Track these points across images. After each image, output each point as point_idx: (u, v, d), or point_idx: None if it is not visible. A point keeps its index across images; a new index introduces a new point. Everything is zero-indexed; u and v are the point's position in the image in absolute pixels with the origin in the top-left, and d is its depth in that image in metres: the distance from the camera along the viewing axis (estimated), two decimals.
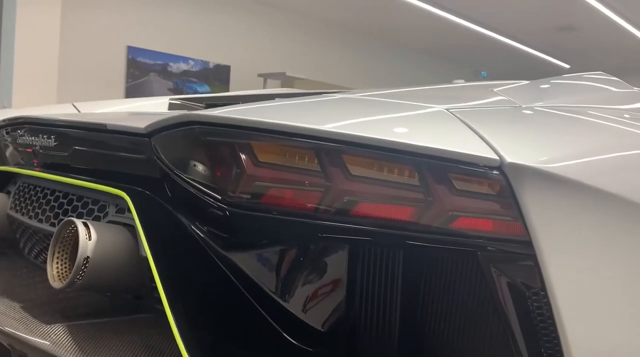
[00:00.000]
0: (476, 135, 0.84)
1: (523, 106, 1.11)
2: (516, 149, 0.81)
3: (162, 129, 0.98)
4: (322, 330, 0.88)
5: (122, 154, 1.08)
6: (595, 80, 1.48)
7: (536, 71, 10.76)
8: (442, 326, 0.84)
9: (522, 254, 0.80)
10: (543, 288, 0.80)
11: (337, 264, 0.87)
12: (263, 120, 0.85)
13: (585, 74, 1.53)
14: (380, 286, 0.85)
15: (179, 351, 0.85)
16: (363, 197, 0.85)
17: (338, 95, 1.07)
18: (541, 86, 1.36)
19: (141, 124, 1.03)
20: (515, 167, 0.77)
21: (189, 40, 7.17)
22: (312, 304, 0.89)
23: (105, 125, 1.08)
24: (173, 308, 0.89)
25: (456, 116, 0.92)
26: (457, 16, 8.15)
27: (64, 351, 0.88)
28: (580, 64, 10.65)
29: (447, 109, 0.95)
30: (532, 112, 1.06)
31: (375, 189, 0.84)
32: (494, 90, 1.26)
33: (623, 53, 9.45)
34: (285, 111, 0.95)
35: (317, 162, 0.85)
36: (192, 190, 0.96)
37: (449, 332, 0.84)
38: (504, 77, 2.00)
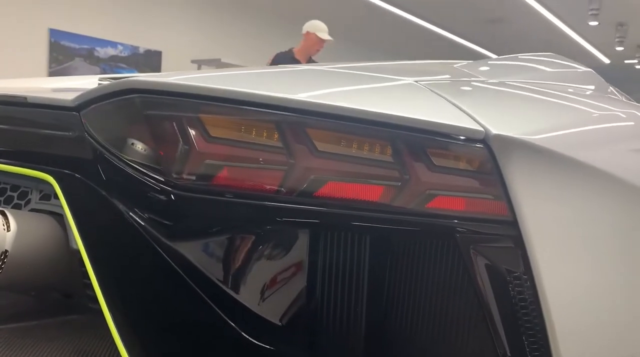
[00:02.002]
0: (454, 106, 0.76)
1: (489, 81, 1.05)
2: (501, 120, 0.74)
3: (93, 101, 0.85)
4: (281, 325, 0.78)
5: (45, 131, 0.94)
6: (548, 61, 1.45)
7: None
8: (413, 318, 0.76)
9: (506, 236, 0.74)
10: (527, 272, 0.74)
11: (297, 252, 0.77)
12: (215, 87, 0.74)
13: (537, 55, 1.50)
14: (345, 275, 0.76)
15: (119, 355, 0.73)
16: (330, 176, 0.75)
17: (300, 67, 0.97)
18: (498, 63, 1.32)
19: (68, 97, 0.89)
20: (502, 139, 0.70)
21: (117, 24, 6.82)
22: (269, 297, 0.79)
23: (25, 98, 0.93)
24: (111, 307, 0.77)
25: (428, 88, 0.84)
26: (392, 5, 8.20)
27: None
28: (509, 54, 10.98)
29: (416, 82, 0.88)
30: (502, 87, 1.00)
31: (344, 166, 0.75)
32: (454, 66, 1.20)
33: (549, 43, 9.81)
34: (243, 79, 0.84)
35: (279, 136, 0.75)
36: (130, 172, 0.83)
37: (422, 324, 0.76)
38: None
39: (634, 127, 0.97)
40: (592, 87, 1.27)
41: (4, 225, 0.84)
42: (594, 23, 8.66)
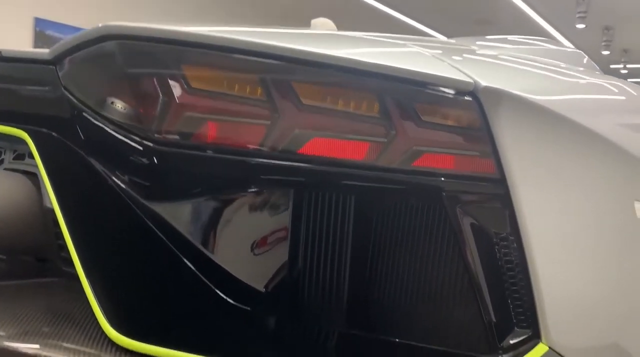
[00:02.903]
0: (444, 62, 0.74)
1: (481, 51, 1.03)
2: (491, 76, 0.72)
3: (70, 51, 0.81)
4: (262, 288, 0.75)
5: (22, 87, 0.90)
6: (539, 41, 1.45)
7: None
8: (397, 282, 0.74)
9: (493, 195, 0.72)
10: (513, 233, 0.72)
11: (279, 212, 0.75)
12: (195, 32, 0.71)
13: (529, 37, 1.50)
14: (329, 237, 0.74)
15: (95, 317, 0.70)
16: (315, 131, 0.73)
17: (290, 30, 0.94)
18: (492, 38, 1.31)
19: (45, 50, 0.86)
20: (491, 92, 0.68)
21: (103, 15, 6.74)
22: (250, 259, 0.76)
23: (0, 52, 0.90)
24: (86, 268, 0.74)
25: (418, 48, 0.82)
26: (379, 2, 8.21)
27: None
28: None
29: (405, 43, 0.86)
30: (495, 59, 0.98)
31: (329, 121, 0.73)
32: (448, 39, 1.18)
33: None
34: (229, 32, 0.81)
35: (262, 88, 0.72)
36: (109, 127, 0.80)
37: (406, 289, 0.74)
38: None
39: (621, 95, 0.96)
40: (581, 65, 1.26)
41: None
42: (581, 26, 8.73)
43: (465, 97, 0.68)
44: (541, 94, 0.75)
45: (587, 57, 1.39)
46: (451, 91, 0.69)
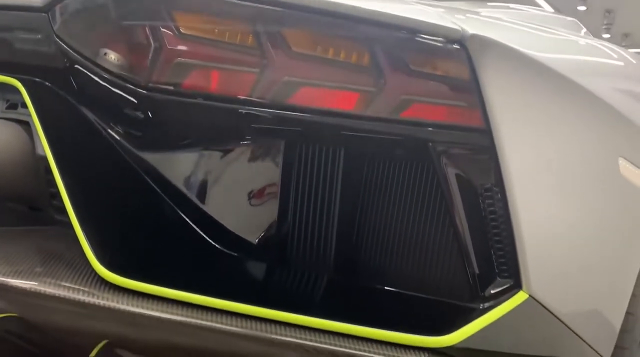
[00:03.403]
0: (435, 12, 0.75)
1: (477, 11, 1.04)
2: (480, 27, 0.73)
3: None
4: (251, 237, 0.76)
5: (14, 35, 0.90)
6: (538, 8, 1.45)
7: None
8: (383, 234, 0.75)
9: (479, 146, 0.73)
10: (498, 184, 0.73)
11: (269, 163, 0.76)
12: None
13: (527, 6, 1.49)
14: (318, 187, 0.75)
15: (85, 258, 0.72)
16: (305, 80, 0.74)
17: None
18: (489, 5, 1.31)
19: None
20: (479, 40, 0.69)
21: None
22: (238, 207, 0.77)
23: None
24: (77, 211, 0.75)
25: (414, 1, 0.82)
26: None
27: None
28: None
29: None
30: (490, 18, 0.98)
31: (318, 69, 0.73)
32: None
33: None
34: None
35: (252, 34, 0.73)
36: (102, 76, 0.80)
37: (392, 237, 0.75)
38: None
39: (613, 58, 0.97)
40: (579, 32, 1.26)
41: None
42: (582, 8, 8.69)
43: (453, 46, 0.69)
44: (530, 47, 0.76)
45: (584, 27, 1.39)
46: (439, 39, 0.69)
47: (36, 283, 0.67)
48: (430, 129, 0.73)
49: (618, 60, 1.05)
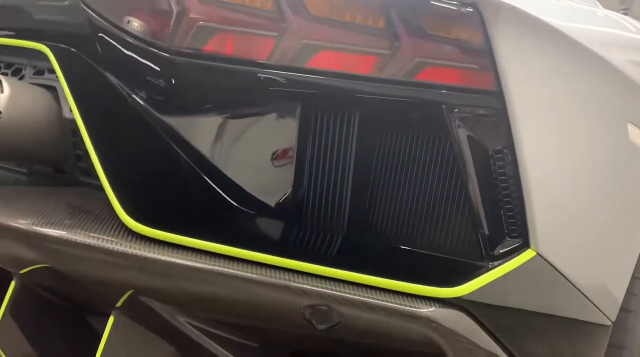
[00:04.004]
0: None
1: None
2: None
3: None
4: (267, 196, 0.79)
5: (40, 2, 0.94)
6: None
7: None
8: (397, 191, 0.77)
9: (491, 108, 0.75)
10: (509, 146, 0.75)
11: (286, 126, 0.78)
12: None
13: None
14: (333, 149, 0.77)
15: (113, 212, 0.75)
16: (323, 44, 0.76)
17: None
18: None
19: None
20: (492, 3, 0.71)
21: None
22: (255, 170, 0.80)
23: None
24: (105, 168, 0.78)
25: None
26: None
27: None
28: None
29: None
30: None
31: (336, 33, 0.76)
32: None
33: None
34: None
35: None
36: (126, 40, 0.83)
37: (404, 198, 0.78)
38: None
39: (628, 29, 0.98)
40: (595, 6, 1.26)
41: None
42: None
43: (467, 9, 0.71)
44: (543, 12, 0.78)
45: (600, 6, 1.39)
46: (454, 3, 0.71)
47: (67, 233, 0.71)
48: (443, 91, 0.75)
49: (635, 34, 1.06)
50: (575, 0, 1.19)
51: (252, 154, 0.80)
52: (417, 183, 0.77)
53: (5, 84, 0.85)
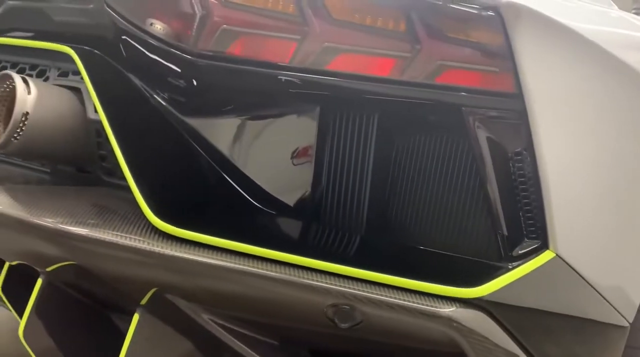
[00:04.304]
0: None
1: None
2: None
3: None
4: (287, 197, 0.80)
5: (66, 5, 0.95)
6: None
7: None
8: (416, 191, 0.78)
9: (511, 110, 0.76)
10: (528, 148, 0.76)
11: (307, 128, 0.79)
12: None
13: None
14: (352, 150, 0.78)
15: (139, 210, 0.77)
16: (344, 47, 0.77)
17: None
18: None
19: None
20: (513, 7, 0.72)
21: None
22: (276, 170, 0.82)
23: None
24: (131, 168, 0.80)
25: None
26: None
27: (6, 208, 0.78)
28: None
29: None
30: None
31: (358, 36, 0.77)
32: None
33: None
34: None
35: (295, 3, 0.77)
36: (150, 42, 0.85)
37: (424, 197, 0.78)
38: None
39: None
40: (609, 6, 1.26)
41: (25, 89, 0.86)
42: None
43: (489, 13, 0.72)
44: (562, 16, 0.78)
45: (614, 4, 1.39)
46: (475, 6, 0.72)
47: (95, 231, 0.72)
48: (463, 93, 0.76)
49: None
50: (590, 1, 1.20)
51: (273, 155, 0.82)
52: (437, 184, 0.78)
53: (32, 86, 0.87)
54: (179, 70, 0.84)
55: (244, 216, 0.78)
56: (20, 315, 0.94)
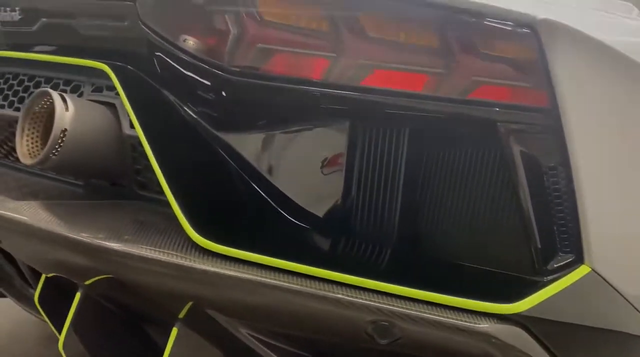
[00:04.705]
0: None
1: None
2: (550, 12, 0.76)
3: None
4: (320, 211, 0.81)
5: (102, 23, 0.97)
6: None
7: None
8: (447, 211, 0.79)
9: (546, 126, 0.76)
10: (564, 162, 0.76)
11: (339, 142, 0.80)
12: None
13: None
14: (382, 166, 0.79)
15: (177, 225, 0.78)
16: (378, 63, 0.78)
17: None
18: None
19: None
20: (549, 24, 0.72)
21: None
22: (308, 186, 0.82)
23: None
24: (170, 183, 0.81)
25: None
26: None
27: (43, 223, 0.80)
28: None
29: None
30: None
31: (392, 53, 0.78)
32: None
33: None
34: None
35: (329, 20, 0.77)
36: (185, 60, 0.86)
37: (455, 217, 0.79)
38: None
39: None
40: (631, 14, 1.26)
41: (63, 106, 0.88)
42: None
43: (524, 30, 0.72)
44: (595, 30, 0.78)
45: (636, 9, 1.39)
46: (510, 24, 0.73)
47: (132, 246, 0.74)
48: (497, 109, 0.76)
49: None
50: (615, 10, 1.20)
51: (307, 169, 0.83)
52: (470, 198, 0.78)
53: (70, 103, 0.89)
54: (213, 86, 0.85)
55: (281, 231, 0.79)
56: (56, 325, 0.96)
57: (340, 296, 0.70)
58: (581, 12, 0.93)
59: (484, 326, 0.71)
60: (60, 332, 0.89)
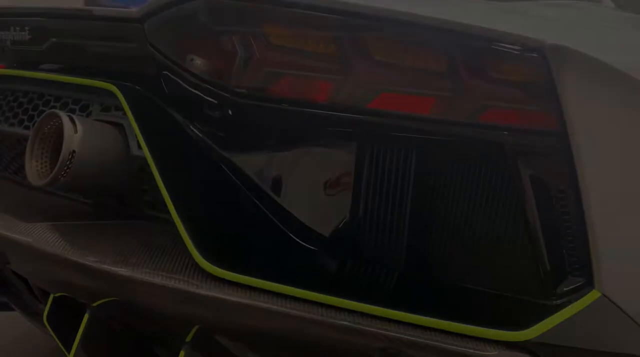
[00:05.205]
0: (511, 21, 0.78)
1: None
2: (558, 35, 0.75)
3: (157, 10, 0.88)
4: (328, 233, 0.81)
5: (110, 44, 0.98)
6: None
7: None
8: (455, 233, 0.78)
9: (555, 150, 0.75)
10: (573, 187, 0.75)
11: (345, 164, 0.80)
12: None
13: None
14: (389, 189, 0.79)
15: (184, 249, 0.78)
16: (385, 87, 0.78)
17: None
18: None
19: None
20: (558, 49, 0.71)
21: None
22: (316, 206, 0.82)
23: (91, 11, 0.97)
24: (177, 206, 0.81)
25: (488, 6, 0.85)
26: None
27: (50, 247, 0.80)
28: None
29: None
30: (557, 19, 1.00)
31: (399, 76, 0.77)
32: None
33: None
34: None
35: (337, 44, 0.77)
36: (192, 81, 0.87)
37: (463, 240, 0.78)
38: None
39: None
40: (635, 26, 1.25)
41: (72, 127, 0.89)
42: None
43: (532, 54, 0.72)
44: (605, 51, 0.78)
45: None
46: (518, 47, 0.72)
47: (138, 272, 0.74)
48: (505, 132, 0.76)
49: None
50: (624, 24, 1.19)
51: (315, 192, 0.83)
52: (478, 220, 0.78)
53: (79, 124, 0.89)
54: (220, 107, 0.85)
55: (288, 254, 0.79)
56: (64, 344, 0.96)
57: (347, 323, 0.70)
58: (591, 31, 0.93)
59: (493, 353, 0.70)
60: (69, 351, 0.90)
